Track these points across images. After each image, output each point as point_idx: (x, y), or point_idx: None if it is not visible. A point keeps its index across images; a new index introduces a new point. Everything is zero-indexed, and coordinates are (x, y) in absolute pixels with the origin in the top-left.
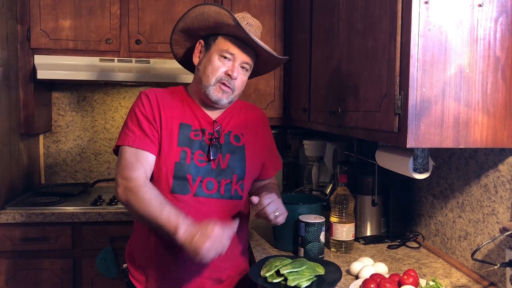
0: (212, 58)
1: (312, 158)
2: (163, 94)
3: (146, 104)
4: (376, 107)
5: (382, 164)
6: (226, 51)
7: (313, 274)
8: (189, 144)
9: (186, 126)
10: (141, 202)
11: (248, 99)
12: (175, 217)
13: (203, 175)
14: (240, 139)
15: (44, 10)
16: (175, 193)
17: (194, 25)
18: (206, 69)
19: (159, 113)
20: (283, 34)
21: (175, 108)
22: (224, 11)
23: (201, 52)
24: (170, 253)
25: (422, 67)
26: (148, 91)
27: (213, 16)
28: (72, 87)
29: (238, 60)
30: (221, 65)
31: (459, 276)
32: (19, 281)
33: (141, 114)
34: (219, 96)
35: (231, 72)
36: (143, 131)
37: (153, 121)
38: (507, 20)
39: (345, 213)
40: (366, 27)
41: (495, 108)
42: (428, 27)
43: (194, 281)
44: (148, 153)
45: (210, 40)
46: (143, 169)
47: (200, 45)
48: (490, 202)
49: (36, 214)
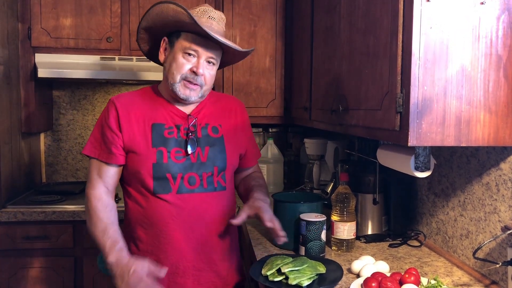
0: (176, 55)
1: (313, 156)
2: (132, 98)
3: (112, 114)
4: (377, 105)
5: (384, 162)
6: (189, 48)
7: (314, 272)
8: (163, 143)
9: (159, 125)
10: (89, 221)
11: (249, 97)
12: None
13: (184, 171)
14: (218, 130)
15: (45, 8)
16: (157, 194)
17: (156, 24)
18: (171, 67)
19: (127, 120)
20: (284, 33)
21: (146, 110)
22: (181, 10)
23: (166, 49)
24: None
25: (423, 65)
26: (116, 99)
27: (171, 15)
28: (73, 86)
29: (203, 56)
30: (185, 62)
31: (460, 275)
32: (20, 279)
33: (106, 125)
34: (186, 94)
35: (196, 69)
36: (107, 143)
37: (118, 131)
38: (509, 18)
39: (346, 212)
40: (368, 26)
41: (497, 106)
42: (429, 25)
43: (191, 274)
44: (110, 167)
45: (173, 38)
46: (103, 184)
47: (164, 43)
48: (492, 201)
49: (37, 212)
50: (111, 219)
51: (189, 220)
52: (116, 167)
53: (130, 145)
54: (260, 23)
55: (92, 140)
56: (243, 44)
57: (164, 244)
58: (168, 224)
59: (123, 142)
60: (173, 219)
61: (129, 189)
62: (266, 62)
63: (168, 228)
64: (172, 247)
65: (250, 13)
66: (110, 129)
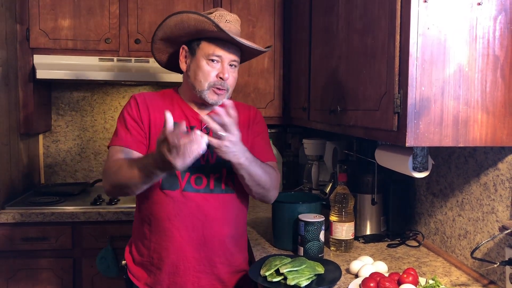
0: (200, 63)
1: (312, 157)
2: (153, 97)
3: (134, 107)
4: (375, 106)
5: (382, 163)
6: (212, 55)
7: (312, 273)
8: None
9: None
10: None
11: (247, 98)
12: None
13: (191, 172)
14: None
15: (43, 9)
16: (165, 189)
17: (174, 34)
18: (197, 75)
19: (147, 115)
20: (282, 33)
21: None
22: (204, 19)
23: (186, 57)
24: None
25: (421, 66)
26: (137, 95)
27: (193, 24)
28: (71, 87)
29: (226, 61)
30: (210, 69)
31: (458, 275)
32: (19, 280)
33: (129, 116)
34: (215, 99)
35: (222, 75)
36: (129, 132)
37: (140, 123)
38: (506, 18)
39: (344, 212)
40: (366, 26)
41: (495, 106)
42: (427, 25)
43: (191, 275)
44: (131, 150)
45: (193, 45)
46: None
47: (184, 51)
48: (489, 201)
49: (36, 213)
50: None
51: (192, 220)
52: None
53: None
54: (258, 23)
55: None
56: None
57: (166, 242)
58: (171, 222)
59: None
60: (177, 217)
61: None
62: (265, 63)
63: (171, 226)
64: (173, 245)
65: (249, 14)
66: (134, 120)
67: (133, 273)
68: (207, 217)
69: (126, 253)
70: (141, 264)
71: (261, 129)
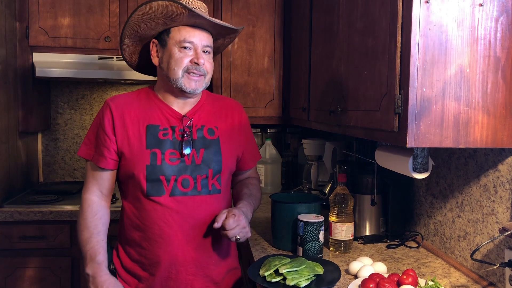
0: (172, 52)
1: (311, 157)
2: (128, 99)
3: (107, 116)
4: (376, 106)
5: (382, 163)
6: (184, 41)
7: (312, 273)
8: (158, 145)
9: (154, 126)
10: (78, 226)
11: (247, 98)
12: (89, 256)
13: (177, 174)
14: (214, 132)
15: (43, 7)
16: (151, 196)
17: (142, 27)
18: (170, 64)
19: (121, 122)
20: (282, 33)
21: (141, 111)
22: (171, 3)
23: (158, 51)
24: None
25: (422, 67)
26: (111, 100)
27: (160, 11)
28: (70, 85)
29: (200, 46)
30: (183, 55)
31: (458, 276)
32: (17, 279)
33: (101, 128)
34: (192, 87)
35: (197, 60)
36: (100, 145)
37: (112, 134)
38: (507, 19)
39: (344, 213)
40: (366, 26)
41: (495, 108)
42: (428, 26)
43: (183, 279)
44: (104, 172)
45: (163, 36)
46: (98, 188)
47: (154, 45)
48: (489, 202)
49: (34, 212)
50: (97, 228)
51: (182, 223)
52: (109, 171)
53: (124, 147)
54: (258, 23)
55: (87, 142)
56: (241, 44)
57: (157, 248)
58: (161, 227)
59: (116, 146)
60: (166, 222)
61: (125, 191)
62: (265, 63)
63: (161, 231)
64: (164, 250)
65: (249, 13)
66: (104, 132)
67: (123, 278)
68: (197, 219)
69: (114, 257)
70: (131, 269)
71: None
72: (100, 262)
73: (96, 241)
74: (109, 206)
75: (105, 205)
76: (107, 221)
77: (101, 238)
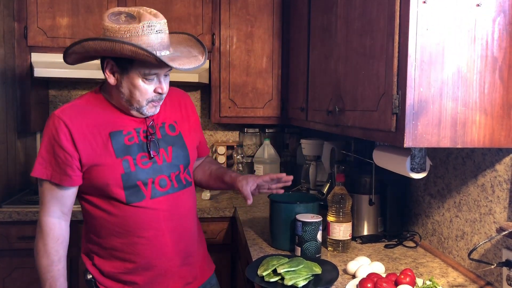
0: (135, 82)
1: (310, 157)
2: (79, 109)
3: (62, 132)
4: (373, 106)
5: (379, 163)
6: (149, 74)
7: (310, 273)
8: (127, 152)
9: (117, 133)
10: (36, 251)
11: (245, 98)
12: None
13: (153, 175)
14: (175, 127)
15: (41, 7)
16: (131, 203)
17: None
18: (134, 94)
19: (81, 135)
20: (281, 33)
21: (99, 119)
22: (144, 52)
23: (114, 71)
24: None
25: (420, 67)
26: (61, 113)
27: (129, 54)
28: (69, 85)
29: (161, 75)
30: (147, 86)
31: (455, 276)
32: (16, 279)
33: (58, 145)
34: (153, 111)
35: (161, 90)
36: (60, 163)
37: (73, 151)
38: (505, 20)
39: (342, 212)
40: (364, 26)
41: (493, 108)
42: (426, 26)
43: (172, 272)
44: (66, 190)
45: (123, 64)
46: (59, 208)
47: (110, 65)
48: (487, 202)
49: (33, 212)
50: (58, 255)
51: (166, 221)
52: (72, 188)
53: (90, 160)
54: (257, 23)
55: (41, 161)
56: (239, 44)
57: (143, 250)
58: (146, 230)
59: (80, 162)
60: (151, 224)
61: (94, 200)
62: (263, 63)
63: (146, 233)
64: (151, 251)
65: (247, 13)
66: (63, 149)
67: (105, 284)
68: (178, 214)
69: (89, 266)
70: (114, 275)
71: (194, 113)
72: None
73: (57, 270)
74: (68, 224)
75: (65, 225)
76: (67, 244)
77: (62, 266)
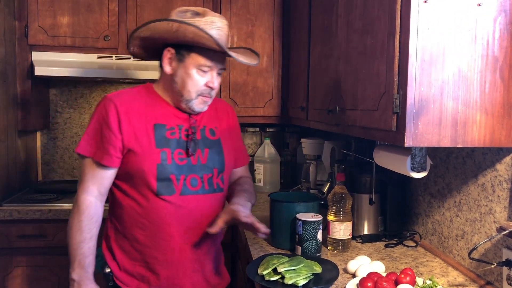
0: (190, 72)
1: (310, 156)
2: (131, 96)
3: (112, 113)
4: (374, 105)
5: (380, 162)
6: (204, 65)
7: (310, 272)
8: (167, 144)
9: (161, 125)
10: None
11: (246, 97)
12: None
13: (186, 173)
14: (215, 132)
15: (42, 6)
16: (161, 195)
17: (160, 37)
18: (186, 84)
19: (128, 119)
20: (281, 32)
21: (147, 109)
22: (204, 35)
23: (172, 60)
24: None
25: (420, 66)
26: (114, 97)
27: (190, 37)
28: (69, 84)
29: (215, 70)
30: (200, 78)
31: (456, 275)
32: (16, 278)
33: (105, 124)
34: (201, 107)
35: (212, 84)
36: (104, 142)
37: (118, 132)
38: (505, 19)
39: (342, 212)
40: (365, 26)
41: (493, 107)
42: (427, 26)
43: (188, 275)
44: (106, 170)
45: (182, 52)
46: (96, 188)
47: (169, 53)
48: (487, 201)
49: (33, 211)
50: (91, 233)
51: (189, 221)
52: (111, 169)
53: (131, 145)
54: (257, 22)
55: (87, 139)
56: (240, 43)
57: (163, 246)
58: (169, 225)
59: (122, 143)
60: (174, 220)
61: (125, 188)
62: (264, 62)
63: (169, 229)
64: (171, 248)
65: (248, 12)
66: (109, 128)
67: (121, 280)
68: (202, 217)
69: (109, 260)
70: (132, 270)
71: (237, 126)
72: (88, 269)
73: (88, 247)
74: (103, 206)
75: (100, 206)
76: (99, 224)
77: (93, 244)
